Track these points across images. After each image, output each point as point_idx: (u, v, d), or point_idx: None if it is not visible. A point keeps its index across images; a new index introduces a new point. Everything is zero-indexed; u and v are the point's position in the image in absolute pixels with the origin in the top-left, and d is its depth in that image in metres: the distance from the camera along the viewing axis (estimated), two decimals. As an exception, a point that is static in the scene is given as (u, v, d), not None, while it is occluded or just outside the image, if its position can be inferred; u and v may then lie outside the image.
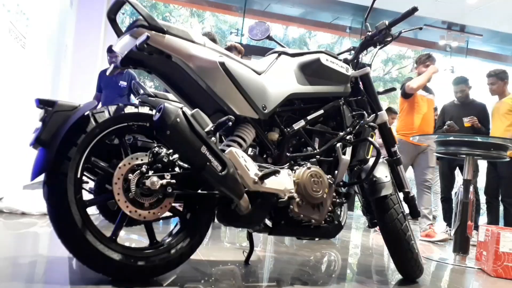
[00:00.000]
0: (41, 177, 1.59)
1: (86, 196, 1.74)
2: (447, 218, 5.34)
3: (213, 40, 4.54)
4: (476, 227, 4.31)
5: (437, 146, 3.67)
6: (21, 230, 2.85)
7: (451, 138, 3.60)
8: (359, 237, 4.46)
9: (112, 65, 1.83)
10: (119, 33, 1.78)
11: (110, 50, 5.47)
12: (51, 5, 4.93)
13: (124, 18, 13.55)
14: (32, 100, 1.65)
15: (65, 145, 1.56)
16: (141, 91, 3.08)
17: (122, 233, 1.80)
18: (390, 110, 6.78)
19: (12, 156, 3.58)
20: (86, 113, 1.63)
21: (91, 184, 1.92)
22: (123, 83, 5.62)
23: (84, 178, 1.73)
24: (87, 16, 6.58)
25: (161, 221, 2.94)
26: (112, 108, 1.70)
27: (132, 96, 5.74)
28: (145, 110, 1.76)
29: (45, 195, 1.57)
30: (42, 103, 1.59)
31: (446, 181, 5.46)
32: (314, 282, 2.14)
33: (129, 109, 1.73)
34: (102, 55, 6.96)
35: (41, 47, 4.58)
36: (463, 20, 9.12)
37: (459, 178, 5.40)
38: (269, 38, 2.48)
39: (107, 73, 1.93)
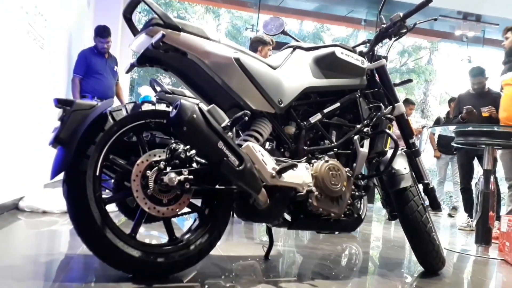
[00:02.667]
0: (62, 176, 1.61)
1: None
2: (468, 209, 5.26)
3: (264, 42, 4.35)
4: (498, 218, 4.24)
5: (455, 137, 3.62)
6: (42, 228, 2.90)
7: (470, 128, 3.55)
8: (380, 230, 4.43)
9: (129, 64, 1.84)
10: (135, 32, 1.80)
11: (102, 34, 5.16)
12: (69, 6, 4.97)
13: (141, 17, 13.64)
14: (51, 100, 1.66)
15: (83, 143, 1.58)
16: (159, 88, 3.11)
17: (141, 229, 1.82)
18: (407, 101, 6.74)
19: (32, 156, 3.63)
20: (104, 112, 1.65)
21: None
22: (117, 68, 5.47)
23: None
24: (104, 16, 6.62)
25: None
26: (130, 106, 1.72)
27: None
28: (162, 107, 1.77)
29: (64, 193, 1.59)
30: (60, 102, 1.61)
31: (465, 172, 5.37)
32: (335, 276, 2.13)
33: (146, 107, 1.74)
34: (120, 54, 7.02)
35: (59, 47, 4.63)
36: (479, 10, 8.96)
37: (478, 168, 5.32)
38: (284, 33, 2.48)
39: (125, 72, 1.94)
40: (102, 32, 5.16)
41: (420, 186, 2.40)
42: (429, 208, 2.42)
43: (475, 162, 5.33)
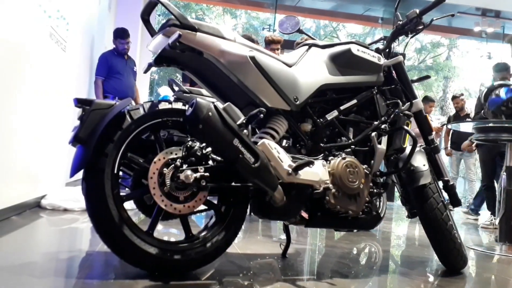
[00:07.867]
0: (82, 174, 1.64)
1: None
2: (491, 206, 5.18)
3: (252, 41, 4.56)
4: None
5: (476, 133, 3.57)
6: (63, 226, 2.96)
7: (491, 124, 3.50)
8: (400, 228, 4.38)
9: (147, 64, 1.86)
10: (152, 33, 1.83)
11: (121, 36, 5.35)
12: (90, 9, 5.07)
13: (160, 20, 13.77)
14: (71, 100, 1.70)
15: (102, 142, 1.60)
16: (177, 88, 3.14)
17: (159, 227, 1.83)
18: (427, 99, 6.69)
19: (54, 155, 3.70)
20: (122, 111, 1.67)
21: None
22: (136, 68, 5.62)
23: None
24: (124, 19, 6.77)
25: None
26: (147, 105, 1.74)
27: None
28: (178, 105, 1.79)
29: (83, 191, 1.62)
30: (80, 102, 1.64)
31: (488, 169, 5.28)
32: (354, 275, 2.11)
33: (163, 105, 1.76)
34: (139, 56, 7.12)
35: (80, 50, 4.71)
36: (498, 6, 8.82)
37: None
38: (300, 31, 2.47)
39: (143, 72, 1.97)
40: (121, 34, 5.37)
41: (440, 183, 2.38)
42: (449, 206, 2.38)
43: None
